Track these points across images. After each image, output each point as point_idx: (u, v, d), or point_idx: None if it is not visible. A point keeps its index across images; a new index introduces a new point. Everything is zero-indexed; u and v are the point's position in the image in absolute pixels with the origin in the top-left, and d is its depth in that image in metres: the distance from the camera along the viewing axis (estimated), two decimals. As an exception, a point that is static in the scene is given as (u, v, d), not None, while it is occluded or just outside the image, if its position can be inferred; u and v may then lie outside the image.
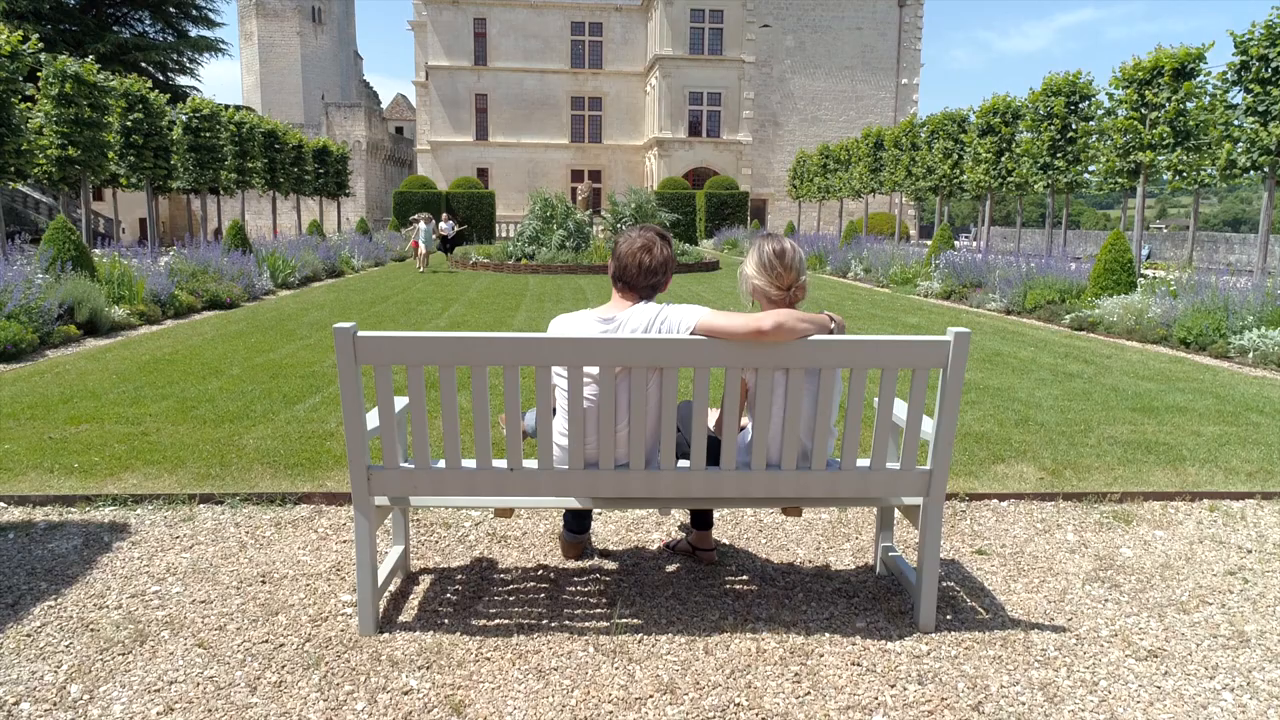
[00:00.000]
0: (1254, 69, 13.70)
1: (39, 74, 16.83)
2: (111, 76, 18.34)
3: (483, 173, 51.92)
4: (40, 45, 15.73)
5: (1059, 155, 18.62)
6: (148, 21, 40.84)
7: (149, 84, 20.07)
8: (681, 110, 47.84)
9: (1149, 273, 21.77)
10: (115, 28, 39.38)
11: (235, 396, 5.70)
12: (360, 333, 2.54)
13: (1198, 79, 15.54)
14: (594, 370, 2.64)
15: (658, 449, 2.78)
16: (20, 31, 14.78)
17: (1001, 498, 4.06)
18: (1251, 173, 14.03)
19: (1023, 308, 12.21)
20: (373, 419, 2.79)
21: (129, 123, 19.16)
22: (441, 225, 22.30)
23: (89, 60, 17.44)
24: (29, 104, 15.57)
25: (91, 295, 9.35)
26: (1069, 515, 3.87)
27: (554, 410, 2.78)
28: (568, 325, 2.79)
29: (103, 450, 4.42)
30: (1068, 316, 11.01)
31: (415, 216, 20.59)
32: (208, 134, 22.38)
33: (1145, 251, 29.07)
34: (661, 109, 47.58)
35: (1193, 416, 5.42)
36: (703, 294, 14.00)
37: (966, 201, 25.64)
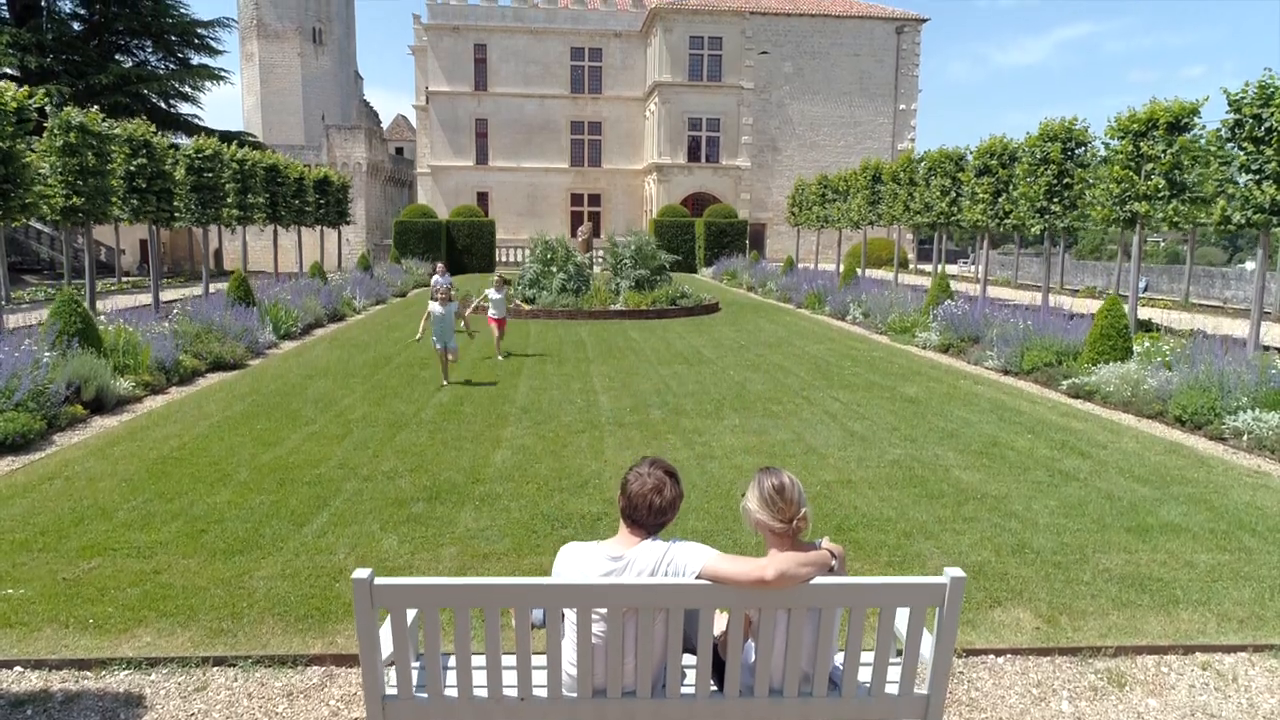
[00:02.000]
0: (1247, 127, 13.85)
1: (45, 125, 16.99)
2: (115, 124, 18.49)
3: (483, 197, 52.12)
4: (46, 99, 15.88)
5: (1055, 200, 18.76)
6: (150, 49, 41.08)
7: (153, 128, 20.24)
8: (681, 135, 48.10)
9: (1145, 312, 21.91)
10: (118, 56, 39.62)
11: (244, 515, 5.78)
12: (377, 580, 2.63)
13: (1192, 133, 15.73)
14: (602, 610, 2.73)
15: (664, 675, 2.86)
16: (26, 88, 14.92)
17: (999, 653, 4.14)
18: (1246, 229, 14.17)
19: (1020, 368, 12.32)
20: (385, 641, 2.87)
21: (132, 167, 19.29)
22: (437, 279, 16.17)
23: (93, 109, 17.60)
24: (34, 155, 15.71)
25: (98, 372, 9.45)
26: (1065, 675, 3.96)
27: (562, 632, 2.86)
28: (577, 560, 2.87)
29: (116, 597, 4.49)
30: (1065, 382, 11.11)
31: (442, 277, 16.03)
32: (210, 174, 22.53)
33: (1143, 284, 29.20)
34: (661, 134, 47.84)
35: (1186, 539, 5.50)
36: (702, 349, 14.10)
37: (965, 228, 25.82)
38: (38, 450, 7.65)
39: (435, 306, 10.67)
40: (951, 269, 45.81)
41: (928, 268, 43.89)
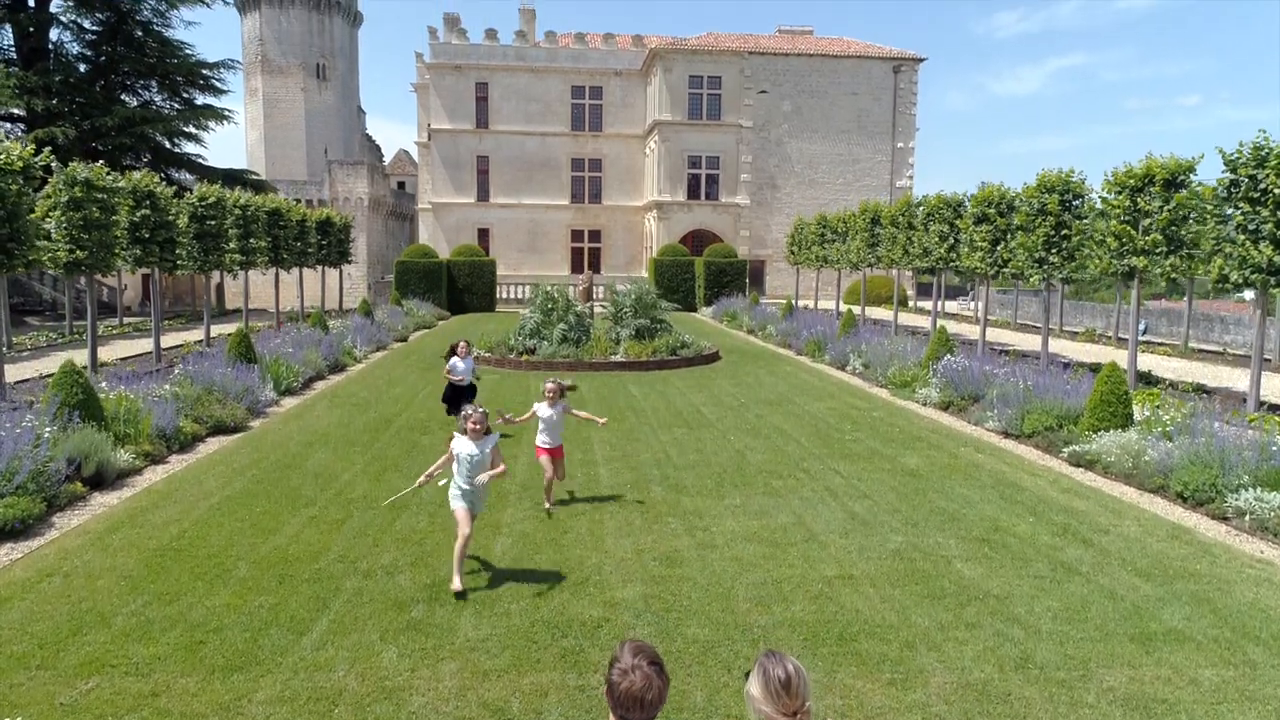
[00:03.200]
0: (1243, 187, 13.98)
1: (50, 179, 17.12)
2: (120, 178, 18.63)
3: (484, 233, 52.41)
4: (51, 156, 16.01)
5: (1053, 251, 18.86)
6: (155, 89, 41.47)
7: (157, 178, 20.39)
8: (680, 173, 48.45)
9: (1144, 359, 21.93)
10: (123, 97, 39.99)
11: (243, 621, 5.75)
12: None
13: (1189, 188, 15.85)
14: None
15: None
16: (31, 146, 15.05)
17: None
18: (1244, 288, 14.24)
19: (1021, 431, 12.31)
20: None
21: (136, 218, 19.42)
22: (458, 363, 11.76)
23: (99, 164, 17.76)
24: (38, 211, 15.83)
25: (99, 447, 9.44)
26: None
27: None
28: None
29: (114, 727, 4.47)
30: (1066, 449, 11.10)
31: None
32: (213, 222, 22.67)
33: (1142, 326, 29.28)
34: (661, 172, 48.19)
35: (1190, 650, 5.47)
36: (703, 408, 14.10)
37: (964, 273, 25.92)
38: (37, 535, 7.64)
39: (464, 445, 6.43)
40: (951, 305, 45.98)
41: (927, 305, 44.03)
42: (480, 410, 6.65)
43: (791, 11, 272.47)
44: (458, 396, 11.56)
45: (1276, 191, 13.31)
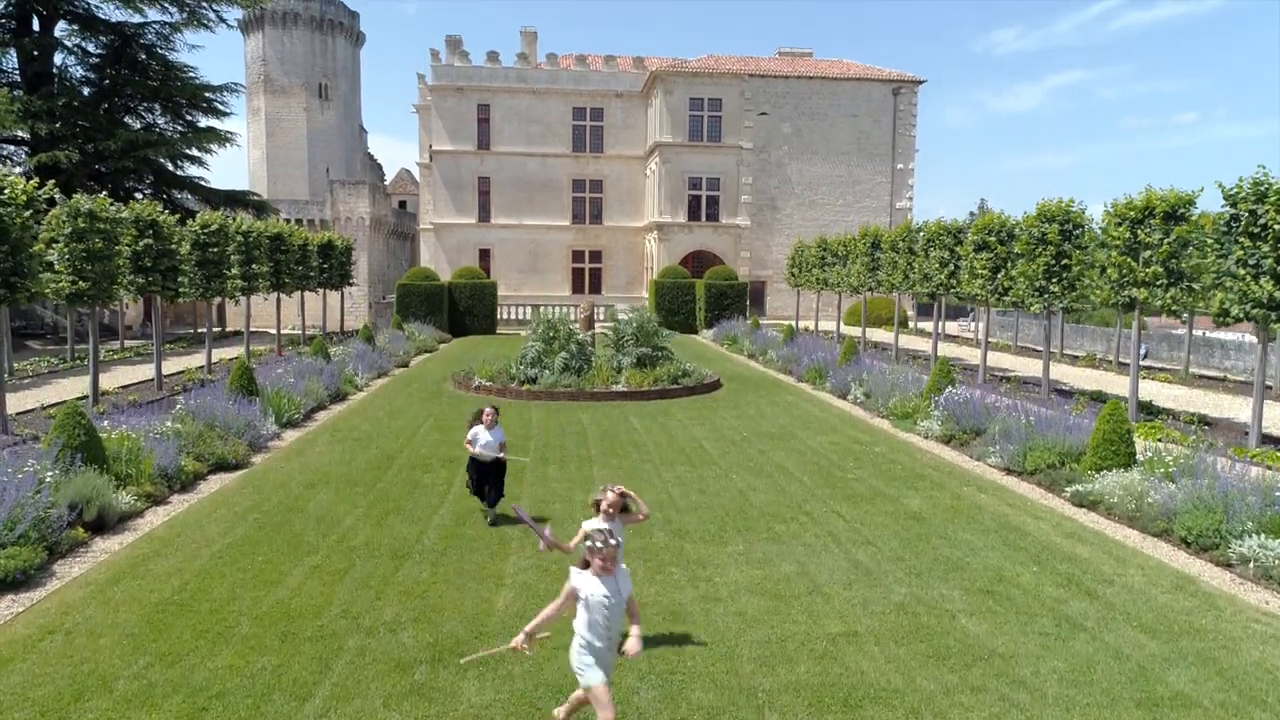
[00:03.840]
0: (1243, 222, 14.03)
1: (53, 210, 17.22)
2: (123, 209, 18.71)
3: (485, 253, 52.58)
4: (55, 189, 16.09)
5: (1054, 280, 18.91)
6: (158, 112, 41.68)
7: (160, 207, 20.48)
8: (681, 194, 48.65)
9: (1145, 387, 21.90)
10: (126, 119, 40.19)
11: (245, 685, 5.73)
12: None
13: (1189, 220, 15.91)
14: None
15: None
16: (35, 180, 15.13)
17: None
18: (1244, 322, 14.26)
19: (1023, 468, 12.30)
20: None
21: (139, 247, 19.48)
22: (482, 433, 9.49)
23: (102, 195, 17.84)
24: (41, 243, 15.90)
25: (100, 491, 9.43)
26: None
27: None
28: None
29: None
30: (1069, 489, 11.08)
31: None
32: (215, 249, 22.75)
33: (1143, 350, 29.29)
34: (661, 193, 48.38)
35: (1197, 716, 5.45)
36: (704, 443, 14.09)
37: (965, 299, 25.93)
38: (39, 586, 7.62)
39: (591, 584, 4.75)
40: (951, 325, 46.04)
41: (927, 325, 44.09)
42: (607, 531, 4.92)
43: (792, 31, 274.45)
44: (484, 478, 9.42)
45: (1276, 227, 13.37)
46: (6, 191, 13.87)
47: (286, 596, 7.28)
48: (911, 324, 44.75)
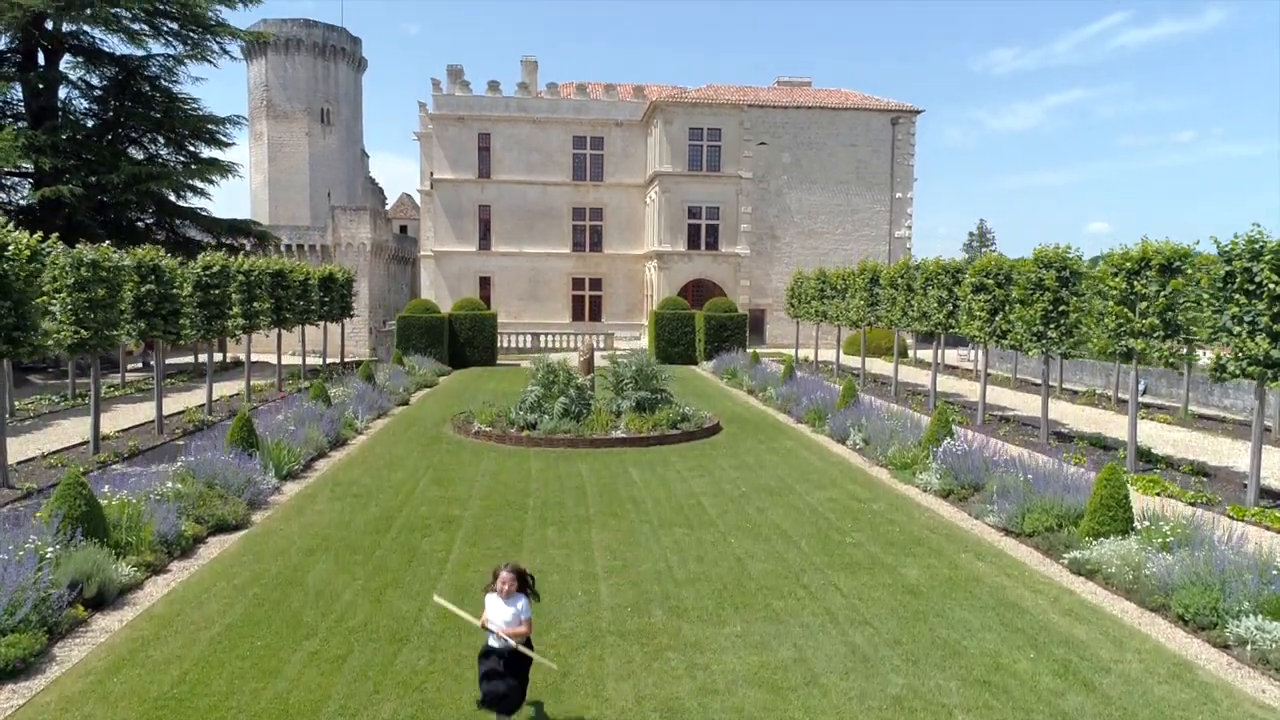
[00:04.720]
0: (1239, 279, 14.11)
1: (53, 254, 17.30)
2: (125, 255, 18.84)
3: (485, 281, 52.79)
4: (58, 241, 16.19)
5: (1052, 325, 19.00)
6: (161, 143, 41.95)
7: (162, 252, 20.59)
8: (681, 223, 48.89)
9: (1144, 427, 21.94)
10: (130, 150, 40.45)
11: (243, 798, 5.75)
12: None
13: (1186, 271, 16.00)
14: None
15: None
16: (39, 232, 15.24)
17: None
18: (1241, 379, 14.32)
19: (1021, 529, 12.34)
20: None
21: (141, 293, 19.58)
22: (500, 604, 6.21)
23: (105, 245, 17.96)
24: (44, 296, 15.99)
25: (101, 566, 9.46)
26: None
27: None
28: None
29: None
30: (1066, 556, 11.10)
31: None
32: (217, 290, 22.86)
33: (1142, 387, 29.35)
34: (661, 222, 48.62)
35: (1192, 836, 5.46)
36: (703, 500, 14.11)
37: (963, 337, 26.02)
38: (38, 673, 7.64)
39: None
40: (951, 354, 46.12)
41: (927, 354, 44.19)
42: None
43: (791, 55, 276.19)
44: (493, 674, 6.16)
45: (1271, 286, 13.44)
46: (10, 249, 13.97)
47: (285, 689, 7.29)
48: (911, 353, 44.84)
